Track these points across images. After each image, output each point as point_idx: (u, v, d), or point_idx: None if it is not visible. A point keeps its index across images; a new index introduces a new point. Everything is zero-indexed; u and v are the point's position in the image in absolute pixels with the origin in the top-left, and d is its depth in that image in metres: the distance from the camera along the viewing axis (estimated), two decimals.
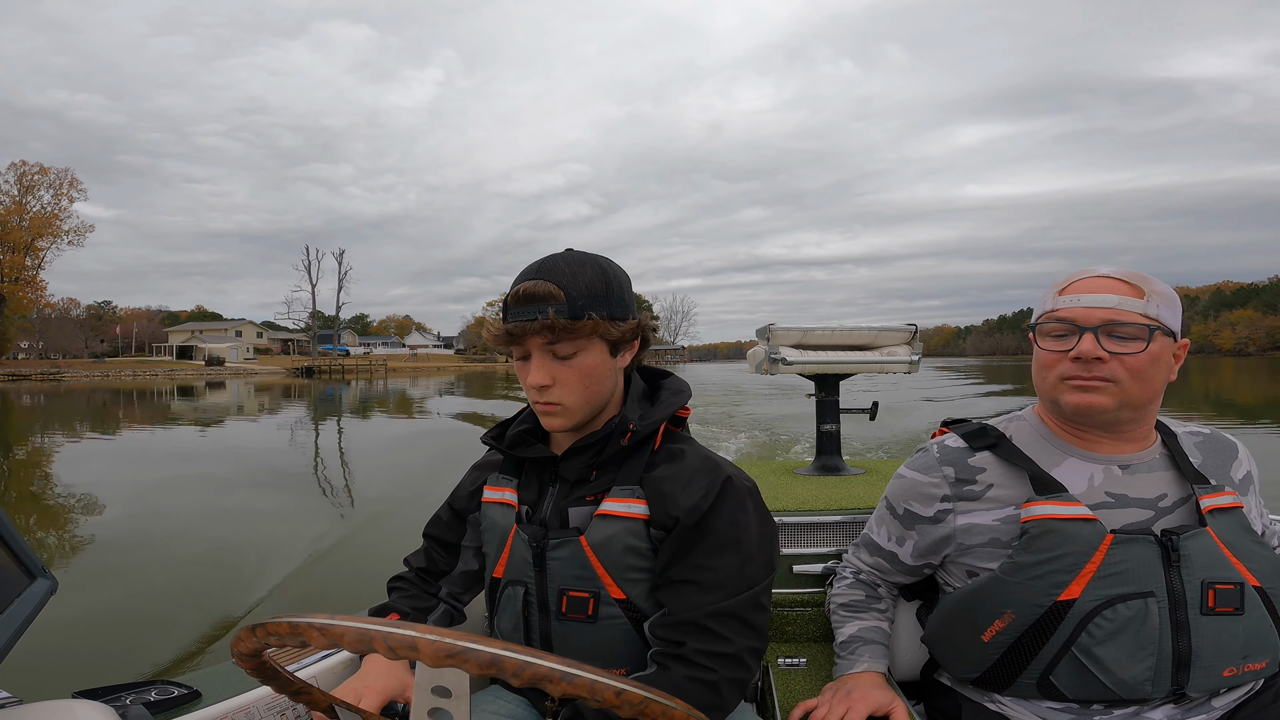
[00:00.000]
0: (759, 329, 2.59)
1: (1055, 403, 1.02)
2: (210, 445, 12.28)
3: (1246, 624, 0.95)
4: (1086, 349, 0.96)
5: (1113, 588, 0.94)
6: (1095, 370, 0.96)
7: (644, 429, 0.99)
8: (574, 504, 0.99)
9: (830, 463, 2.38)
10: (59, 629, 3.40)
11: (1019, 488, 1.03)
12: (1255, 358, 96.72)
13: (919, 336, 2.53)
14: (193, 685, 1.02)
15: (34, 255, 51.73)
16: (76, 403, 24.73)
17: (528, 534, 1.00)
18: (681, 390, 1.06)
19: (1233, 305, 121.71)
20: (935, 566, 1.14)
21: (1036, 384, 1.05)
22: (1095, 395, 0.97)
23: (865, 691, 1.10)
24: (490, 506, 1.08)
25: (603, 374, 0.97)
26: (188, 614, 3.80)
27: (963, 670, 1.08)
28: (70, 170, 54.34)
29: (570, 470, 1.01)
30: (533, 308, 0.93)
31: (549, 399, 0.96)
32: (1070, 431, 1.05)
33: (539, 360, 0.95)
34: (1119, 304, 0.97)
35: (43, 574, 0.94)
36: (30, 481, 8.68)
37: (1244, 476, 1.08)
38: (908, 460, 1.16)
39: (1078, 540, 0.96)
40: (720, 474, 0.97)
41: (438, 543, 1.16)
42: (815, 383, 2.50)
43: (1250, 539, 0.99)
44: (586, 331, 0.93)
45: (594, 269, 0.96)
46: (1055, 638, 0.96)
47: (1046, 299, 1.04)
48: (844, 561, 1.31)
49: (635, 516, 0.95)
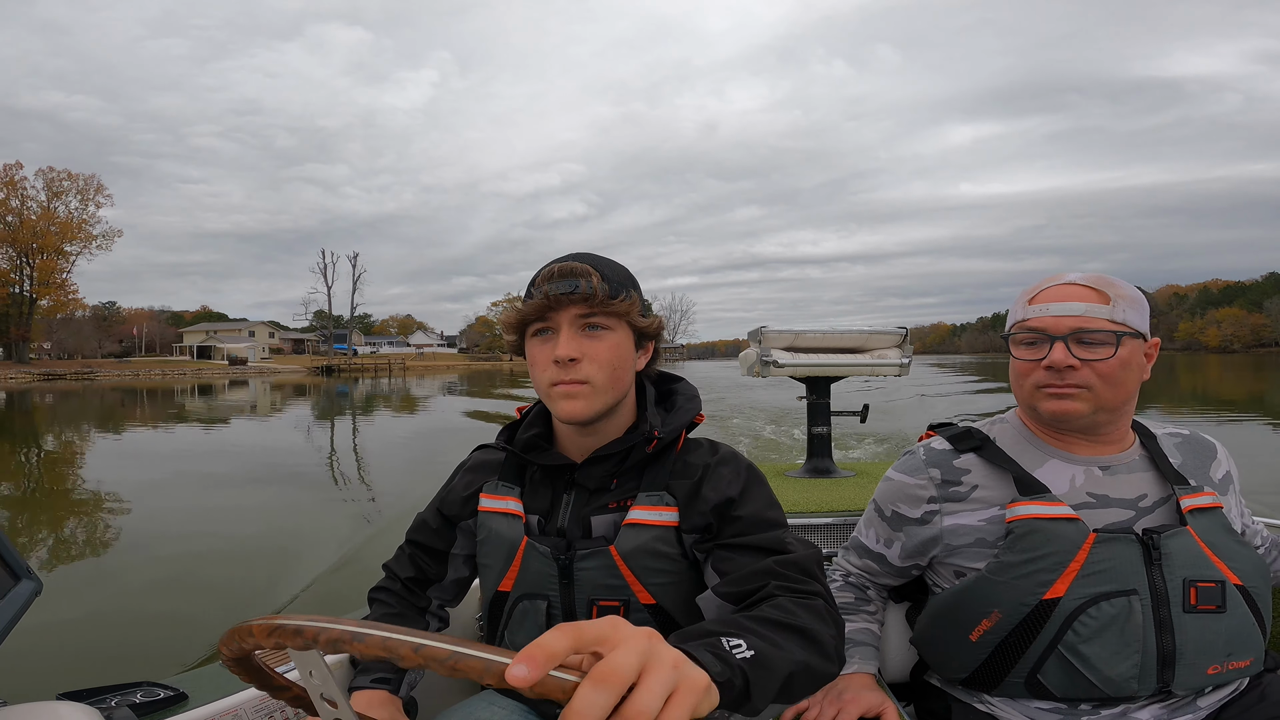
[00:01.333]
0: (750, 331, 2.59)
1: (1033, 409, 1.04)
2: (299, 442, 12.87)
3: (1229, 622, 0.96)
4: (1058, 358, 0.98)
5: (1096, 586, 0.95)
6: (1068, 378, 0.99)
7: (668, 435, 0.97)
8: (596, 512, 0.96)
9: (821, 465, 2.39)
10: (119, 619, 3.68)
11: (1003, 489, 1.05)
12: (1240, 354, 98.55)
13: (910, 338, 2.55)
14: (179, 687, 1.01)
15: (64, 259, 53.60)
16: (125, 400, 26.68)
17: (549, 546, 0.96)
18: (695, 396, 1.05)
19: (1219, 303, 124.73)
20: (923, 568, 1.15)
21: (1015, 391, 1.08)
22: (1070, 402, 0.99)
23: (856, 693, 1.09)
24: (491, 517, 1.02)
25: (627, 361, 0.95)
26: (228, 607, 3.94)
27: (951, 670, 1.08)
28: (96, 176, 55.89)
29: (590, 478, 0.98)
30: (570, 281, 0.90)
31: (575, 375, 0.91)
32: (1051, 434, 1.07)
33: (569, 334, 0.91)
34: (1086, 311, 0.99)
35: (28, 575, 0.93)
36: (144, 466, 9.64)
37: (1223, 476, 1.09)
38: (895, 463, 1.17)
39: (1061, 539, 0.97)
40: (741, 460, 0.98)
41: (424, 550, 1.11)
42: (806, 385, 2.51)
43: (1231, 538, 1.01)
44: (622, 310, 0.92)
45: (621, 265, 0.97)
46: (1042, 636, 0.97)
47: (1017, 308, 1.06)
48: (833, 564, 1.31)
49: (666, 524, 0.93)
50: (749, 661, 0.62)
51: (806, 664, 0.69)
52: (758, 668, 0.62)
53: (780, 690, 0.64)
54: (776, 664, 0.64)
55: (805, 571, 0.84)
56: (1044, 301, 1.02)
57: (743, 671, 0.60)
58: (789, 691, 0.66)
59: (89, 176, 54.49)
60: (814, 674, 0.71)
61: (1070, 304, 1.00)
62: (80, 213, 53.91)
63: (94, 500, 7.43)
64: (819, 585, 0.83)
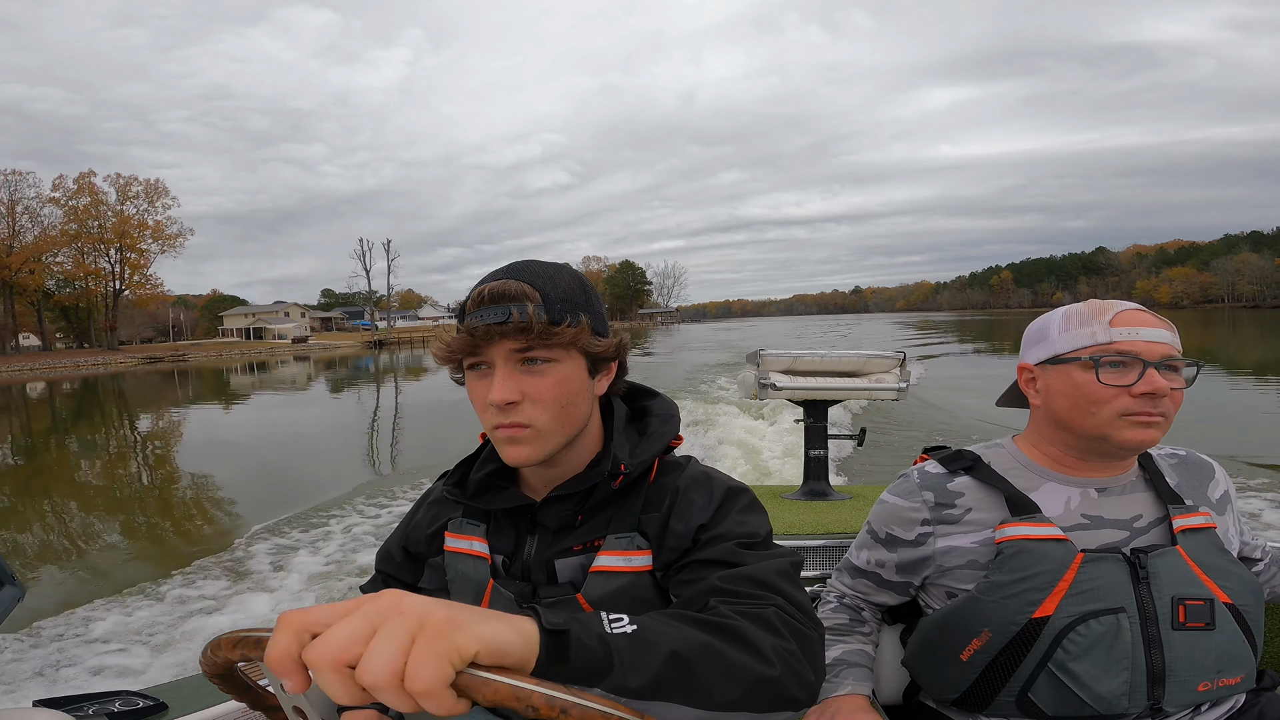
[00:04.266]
0: (749, 354, 2.63)
1: (1104, 439, 0.98)
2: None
3: (1218, 639, 0.96)
4: (1160, 385, 0.94)
5: (1085, 604, 0.95)
6: (1159, 406, 0.96)
7: (636, 469, 0.86)
8: (560, 555, 0.87)
9: (818, 488, 2.39)
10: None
11: (996, 511, 1.05)
12: (1189, 310, 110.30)
13: (908, 362, 2.56)
14: (159, 697, 1.00)
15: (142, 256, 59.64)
16: (262, 375, 32.88)
17: (512, 591, 0.87)
18: (672, 416, 0.94)
19: (1174, 263, 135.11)
20: (916, 588, 1.15)
21: (1075, 417, 1.00)
22: (1154, 430, 0.97)
23: (850, 715, 1.09)
24: (457, 558, 0.94)
25: (579, 394, 0.83)
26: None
27: (943, 691, 1.08)
28: (161, 180, 61.41)
29: (551, 518, 0.88)
30: (502, 308, 0.77)
31: (515, 419, 0.80)
32: (1055, 459, 1.06)
33: (504, 371, 0.79)
34: (1171, 340, 0.98)
35: (11, 582, 0.93)
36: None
37: (1221, 496, 1.10)
38: (890, 486, 1.17)
39: (1050, 559, 0.98)
40: (716, 483, 0.88)
41: (395, 581, 1.02)
42: (804, 408, 2.51)
43: (1223, 558, 1.01)
44: (566, 339, 0.79)
45: (571, 275, 0.85)
46: (1032, 655, 0.97)
47: (1091, 329, 0.99)
48: (828, 586, 1.31)
49: (638, 570, 0.84)
50: (626, 635, 0.56)
51: (708, 646, 0.60)
52: (633, 640, 0.56)
53: (666, 666, 0.57)
54: (660, 640, 0.58)
55: (759, 583, 0.73)
56: (1131, 325, 0.98)
57: (604, 640, 0.55)
58: (687, 672, 0.58)
59: (154, 181, 60.42)
60: (726, 662, 0.61)
61: (1158, 331, 0.98)
62: (151, 214, 59.79)
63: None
64: (775, 597, 0.72)
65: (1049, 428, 1.06)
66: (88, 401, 24.33)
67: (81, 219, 56.79)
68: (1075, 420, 1.00)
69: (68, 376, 37.50)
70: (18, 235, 53.95)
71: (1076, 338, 1.00)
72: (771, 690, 0.63)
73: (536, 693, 0.44)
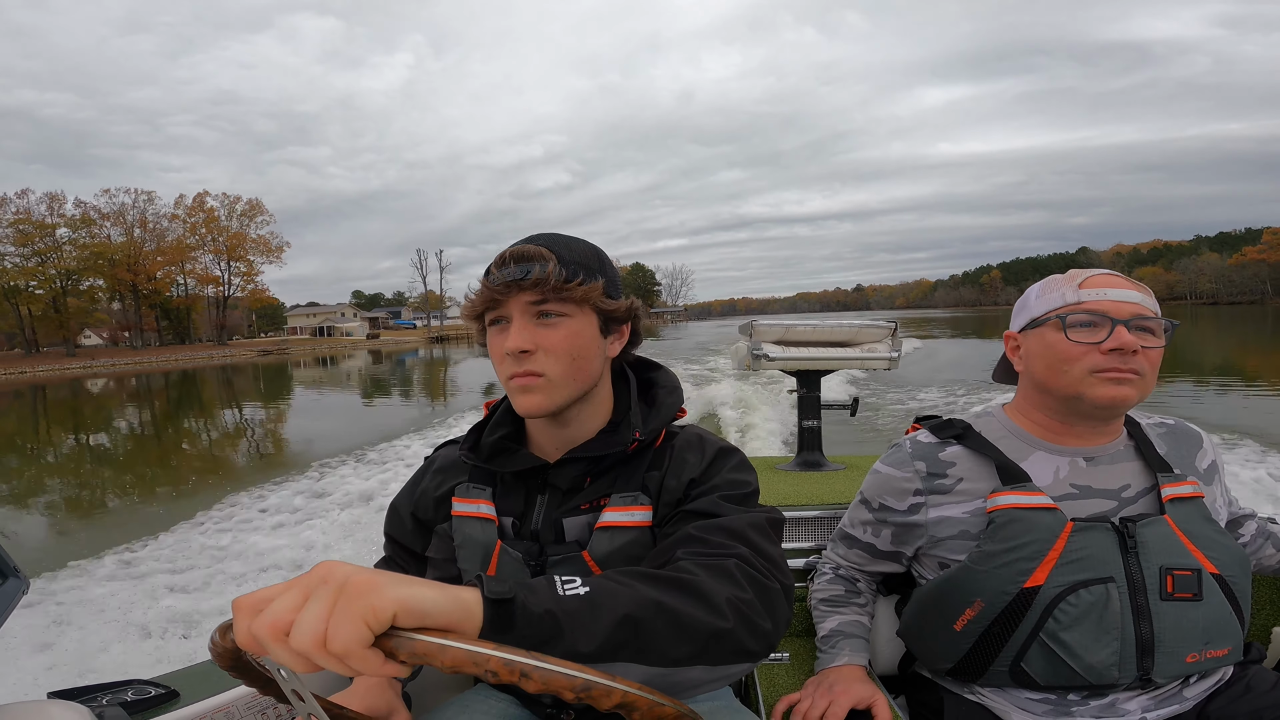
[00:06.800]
0: (741, 325, 2.63)
1: (1078, 398, 1.00)
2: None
3: (1206, 610, 0.97)
4: (1128, 340, 0.96)
5: (1075, 574, 0.96)
6: (1130, 363, 0.97)
7: (648, 438, 0.92)
8: (568, 514, 0.92)
9: (811, 458, 2.40)
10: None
11: (987, 480, 1.05)
12: None
13: (899, 331, 2.55)
14: (170, 685, 1.01)
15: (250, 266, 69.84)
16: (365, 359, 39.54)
17: (521, 550, 0.92)
18: (675, 388, 0.99)
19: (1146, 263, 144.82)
20: (909, 558, 1.16)
21: (1050, 377, 1.02)
22: (1127, 388, 0.97)
23: (847, 685, 1.10)
24: (465, 521, 0.97)
25: (591, 349, 0.88)
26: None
27: (937, 661, 1.09)
28: (258, 199, 70.72)
29: (562, 479, 0.93)
30: (521, 266, 0.84)
31: (529, 367, 0.85)
32: (1043, 426, 1.07)
33: (520, 323, 0.85)
34: (1142, 300, 0.99)
35: (15, 574, 0.94)
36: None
37: (1209, 466, 1.10)
38: (882, 456, 1.17)
39: (1040, 528, 0.98)
40: (709, 443, 0.93)
41: (403, 549, 1.07)
42: (797, 379, 2.52)
43: (1210, 528, 1.01)
44: (579, 295, 0.85)
45: (587, 244, 0.91)
46: (1024, 624, 0.97)
47: (1061, 293, 1.02)
48: (823, 557, 1.32)
49: (640, 525, 0.89)
50: (578, 598, 0.58)
51: (659, 604, 0.61)
52: (584, 603, 0.58)
53: (618, 629, 0.58)
54: (611, 601, 0.59)
55: (730, 533, 0.77)
56: (1099, 286, 1.00)
57: (552, 606, 0.56)
58: (638, 632, 0.59)
59: (255, 200, 69.72)
60: (677, 619, 0.62)
61: (1127, 291, 0.99)
62: (256, 228, 69.27)
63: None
64: (740, 547, 0.74)
65: (1033, 392, 1.08)
66: (277, 381, 29.05)
67: (200, 234, 66.26)
68: (1051, 380, 1.02)
69: (202, 365, 44.08)
70: (141, 247, 62.82)
71: (1049, 301, 1.04)
72: (724, 642, 0.64)
73: (495, 657, 0.45)
